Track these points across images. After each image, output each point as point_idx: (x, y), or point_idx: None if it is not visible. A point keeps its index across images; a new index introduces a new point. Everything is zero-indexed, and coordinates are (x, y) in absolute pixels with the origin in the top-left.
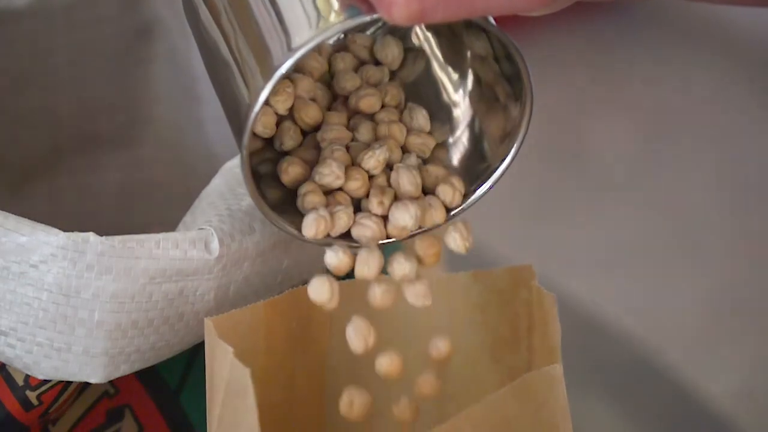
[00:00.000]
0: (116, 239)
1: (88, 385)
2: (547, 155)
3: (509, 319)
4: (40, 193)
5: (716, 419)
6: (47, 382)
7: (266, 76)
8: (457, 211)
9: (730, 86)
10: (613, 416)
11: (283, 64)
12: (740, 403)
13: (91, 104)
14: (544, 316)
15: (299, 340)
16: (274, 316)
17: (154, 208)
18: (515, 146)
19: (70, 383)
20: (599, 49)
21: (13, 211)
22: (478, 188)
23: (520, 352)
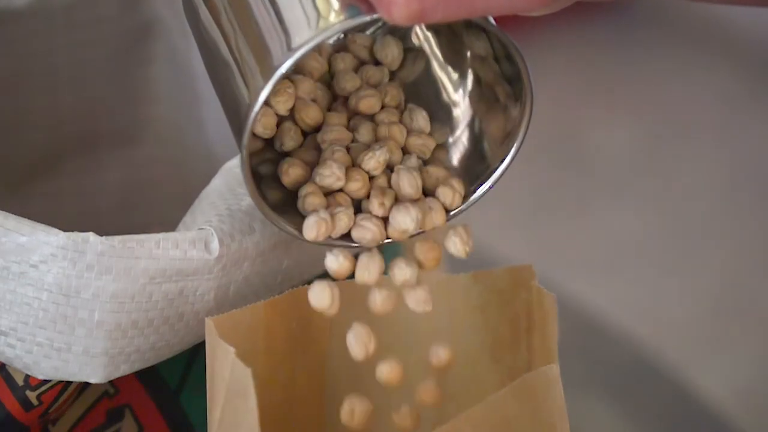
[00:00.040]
0: (116, 239)
1: (88, 385)
2: (547, 155)
3: (509, 319)
4: (40, 193)
5: (716, 419)
6: (47, 382)
7: (266, 75)
8: (456, 211)
9: (730, 86)
10: (613, 416)
11: (282, 63)
12: (740, 403)
13: (91, 104)
14: (544, 316)
15: (299, 340)
16: (274, 316)
17: (154, 208)
18: (515, 146)
19: (70, 383)
20: (599, 49)
21: (13, 211)
22: (477, 188)
23: (520, 352)
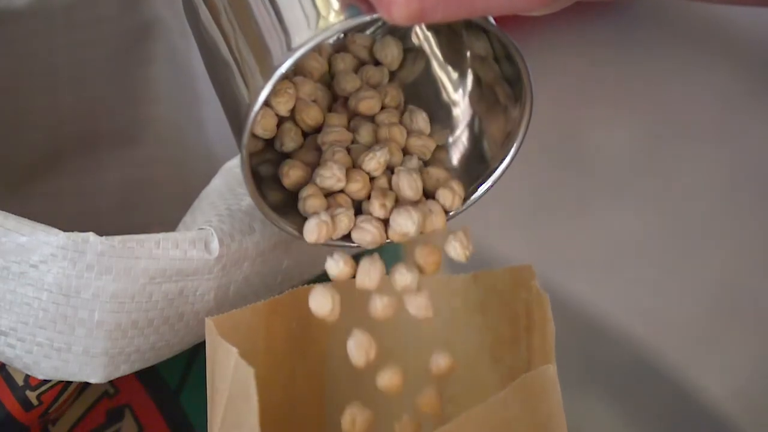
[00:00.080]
0: (116, 239)
1: (88, 385)
2: (547, 155)
3: (509, 319)
4: (40, 193)
5: (716, 419)
6: (47, 382)
7: (266, 75)
8: (456, 211)
9: (730, 86)
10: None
11: (282, 63)
12: (740, 403)
13: (91, 104)
14: (543, 316)
15: (299, 340)
16: (274, 316)
17: (154, 208)
18: (515, 147)
19: (70, 383)
20: (599, 49)
21: (13, 211)
22: (477, 188)
23: (519, 352)
